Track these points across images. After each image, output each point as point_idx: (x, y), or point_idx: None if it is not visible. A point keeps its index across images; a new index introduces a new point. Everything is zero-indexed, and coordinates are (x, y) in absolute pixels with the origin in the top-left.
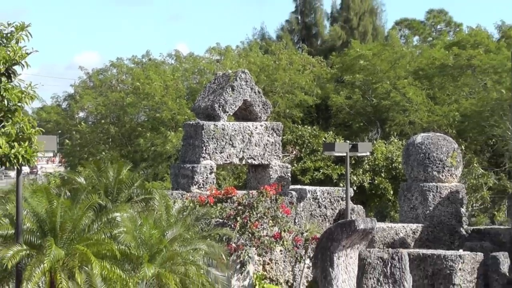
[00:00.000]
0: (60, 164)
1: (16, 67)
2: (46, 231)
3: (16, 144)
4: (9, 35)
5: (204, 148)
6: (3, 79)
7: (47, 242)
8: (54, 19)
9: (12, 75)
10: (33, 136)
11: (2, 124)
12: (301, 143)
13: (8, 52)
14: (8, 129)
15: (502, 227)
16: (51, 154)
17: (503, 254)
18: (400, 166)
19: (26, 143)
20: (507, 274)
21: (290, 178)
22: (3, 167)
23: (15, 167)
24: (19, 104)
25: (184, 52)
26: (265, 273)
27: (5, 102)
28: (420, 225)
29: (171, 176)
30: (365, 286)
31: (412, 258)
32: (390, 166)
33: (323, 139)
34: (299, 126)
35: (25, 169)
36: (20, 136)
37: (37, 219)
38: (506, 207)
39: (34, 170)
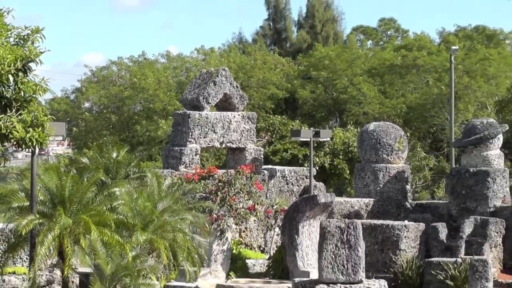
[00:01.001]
0: (68, 146)
1: (31, 64)
2: (56, 203)
3: (31, 129)
4: (25, 36)
5: (190, 133)
6: (20, 74)
7: (57, 212)
8: (65, 24)
9: (27, 70)
10: (45, 123)
11: (19, 112)
12: (272, 130)
13: (25, 51)
14: (24, 117)
15: (440, 201)
16: (60, 138)
17: (441, 224)
18: (355, 150)
19: (40, 129)
20: (445, 241)
21: (262, 159)
22: (12, 150)
23: (30, 149)
24: (33, 95)
25: (174, 52)
26: (241, 239)
27: (22, 93)
28: (371, 199)
29: (162, 157)
30: (325, 250)
31: (365, 227)
32: (347, 150)
33: (291, 126)
34: (271, 115)
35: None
36: (34, 123)
37: (48, 193)
38: (444, 185)
39: (42, 152)
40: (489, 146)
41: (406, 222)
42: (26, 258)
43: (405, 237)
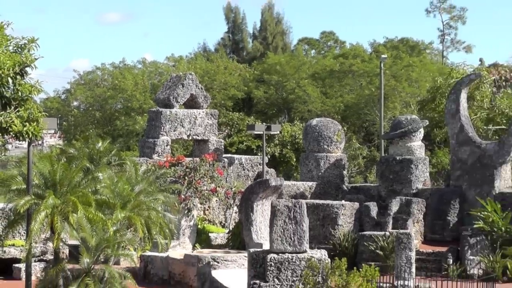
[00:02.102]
0: (59, 138)
1: (27, 69)
2: (48, 186)
3: (27, 124)
4: (22, 45)
5: (162, 128)
6: (18, 77)
7: (49, 193)
8: (56, 34)
9: (24, 74)
10: (39, 118)
11: (17, 109)
12: (231, 124)
13: (22, 58)
14: (21, 113)
15: (372, 184)
16: (52, 131)
17: (372, 203)
18: (300, 142)
19: (35, 123)
20: (375, 217)
21: (223, 149)
22: (16, 141)
23: (27, 140)
24: (29, 95)
25: (149, 59)
26: (205, 216)
27: (19, 93)
28: (314, 183)
29: (138, 148)
30: (276, 225)
31: (308, 206)
32: (294, 141)
33: (247, 121)
34: (230, 112)
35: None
36: (30, 118)
37: (42, 177)
38: (375, 170)
39: (34, 144)
40: (412, 138)
41: (343, 202)
42: (23, 233)
43: (342, 214)
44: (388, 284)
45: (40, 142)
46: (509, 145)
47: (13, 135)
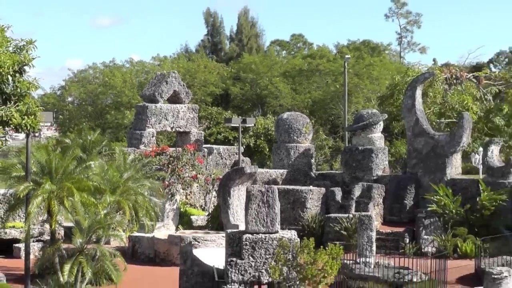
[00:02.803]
0: (55, 130)
1: (26, 67)
2: (45, 173)
3: (26, 117)
4: (21, 46)
5: (148, 120)
6: (17, 75)
7: (46, 180)
8: (53, 36)
9: (23, 72)
10: (37, 112)
11: (17, 104)
12: (210, 118)
13: (21, 58)
14: (20, 107)
15: (337, 172)
16: (49, 124)
17: (337, 189)
18: (273, 133)
19: (32, 117)
20: (340, 201)
21: (203, 140)
22: (14, 132)
23: (25, 132)
24: (28, 91)
25: (136, 59)
26: (187, 200)
27: (18, 90)
28: (285, 170)
29: (127, 139)
30: (250, 209)
31: (280, 191)
32: (267, 133)
33: (224, 115)
34: (209, 107)
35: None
36: (29, 112)
37: (39, 166)
38: (340, 159)
39: (32, 135)
40: (373, 130)
41: (311, 187)
42: (23, 216)
43: (310, 198)
44: (351, 261)
45: (37, 134)
46: (459, 136)
47: (13, 127)
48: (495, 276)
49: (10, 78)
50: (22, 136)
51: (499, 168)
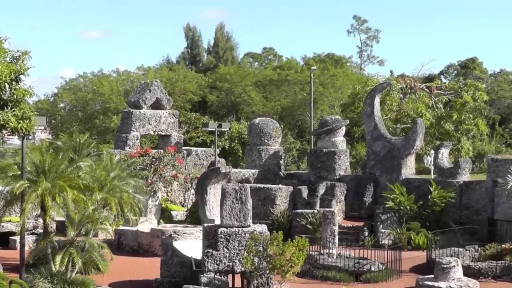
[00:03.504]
0: (48, 133)
1: (21, 76)
2: (39, 172)
3: (21, 121)
4: (17, 57)
5: (133, 125)
6: (14, 83)
7: (40, 179)
8: (46, 47)
9: (19, 80)
10: (31, 117)
11: (13, 109)
12: (189, 122)
13: (17, 67)
14: (17, 112)
15: (303, 172)
16: (42, 128)
17: (304, 187)
18: (246, 137)
19: (27, 121)
20: (306, 198)
21: (182, 143)
22: (8, 135)
23: (21, 135)
24: (23, 98)
25: (122, 69)
26: (167, 197)
27: (15, 96)
28: (257, 170)
29: (113, 141)
30: (225, 205)
31: (252, 189)
32: (240, 137)
33: (202, 120)
34: (188, 113)
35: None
36: (24, 117)
37: (34, 165)
38: (306, 160)
39: (27, 138)
40: (336, 134)
41: (280, 185)
42: (18, 211)
43: (279, 196)
44: (316, 252)
45: (32, 137)
46: (413, 140)
47: (10, 131)
48: (444, 266)
49: (7, 85)
50: (15, 139)
51: (449, 169)
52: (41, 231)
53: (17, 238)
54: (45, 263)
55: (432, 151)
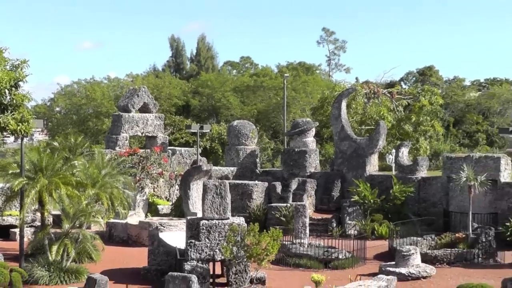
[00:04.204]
0: (45, 135)
1: (20, 83)
2: (37, 170)
3: (20, 124)
4: (17, 65)
5: (122, 127)
6: (13, 89)
7: (38, 176)
8: (43, 56)
9: (18, 86)
10: (30, 120)
11: (13, 113)
12: (174, 125)
13: (17, 75)
14: (16, 116)
15: (277, 169)
16: (40, 130)
17: (278, 183)
18: (225, 138)
19: (26, 123)
20: (280, 193)
21: (167, 143)
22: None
23: (20, 136)
24: (22, 102)
25: (113, 76)
26: (154, 192)
27: (14, 101)
28: (235, 168)
29: (105, 142)
30: (206, 199)
31: (231, 185)
32: (220, 137)
33: (185, 123)
34: (173, 116)
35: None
36: (23, 120)
37: (32, 164)
38: (280, 159)
39: (26, 139)
40: (306, 135)
41: (256, 181)
42: (18, 205)
43: (255, 191)
44: (289, 242)
45: (30, 138)
46: (376, 140)
47: (10, 132)
48: (405, 253)
49: (7, 91)
50: (10, 140)
51: (408, 166)
52: (39, 224)
53: (17, 230)
54: (42, 253)
55: (393, 150)
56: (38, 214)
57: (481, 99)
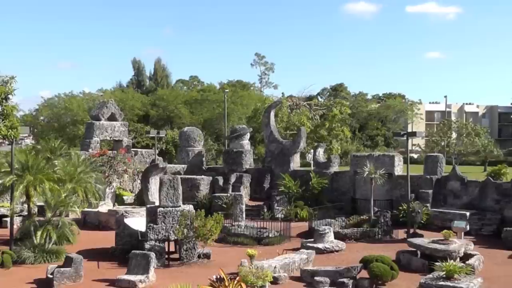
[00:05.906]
0: (32, 139)
1: (9, 96)
2: (24, 168)
3: (10, 130)
4: (6, 80)
5: (94, 133)
6: (4, 101)
7: (25, 173)
8: (30, 73)
9: (8, 99)
10: (18, 127)
11: (4, 121)
12: (136, 131)
13: (6, 89)
14: (6, 123)
15: (220, 166)
16: (26, 135)
17: (220, 177)
18: (177, 141)
19: (15, 130)
20: (222, 185)
21: (131, 145)
22: None
23: (10, 140)
24: (11, 112)
25: (87, 91)
26: (120, 186)
27: (5, 111)
28: (186, 165)
29: (80, 145)
30: (162, 191)
31: (182, 179)
32: (174, 141)
33: (146, 129)
34: (136, 123)
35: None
36: (12, 127)
37: (20, 163)
38: (222, 158)
39: (15, 143)
40: (243, 138)
41: (203, 176)
42: (8, 198)
43: (202, 183)
44: (229, 224)
45: (19, 142)
46: (298, 142)
47: (1, 137)
48: (321, 232)
49: None
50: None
51: (324, 163)
52: (26, 213)
53: (8, 219)
54: (29, 237)
55: (312, 150)
56: (26, 205)
57: (380, 109)
